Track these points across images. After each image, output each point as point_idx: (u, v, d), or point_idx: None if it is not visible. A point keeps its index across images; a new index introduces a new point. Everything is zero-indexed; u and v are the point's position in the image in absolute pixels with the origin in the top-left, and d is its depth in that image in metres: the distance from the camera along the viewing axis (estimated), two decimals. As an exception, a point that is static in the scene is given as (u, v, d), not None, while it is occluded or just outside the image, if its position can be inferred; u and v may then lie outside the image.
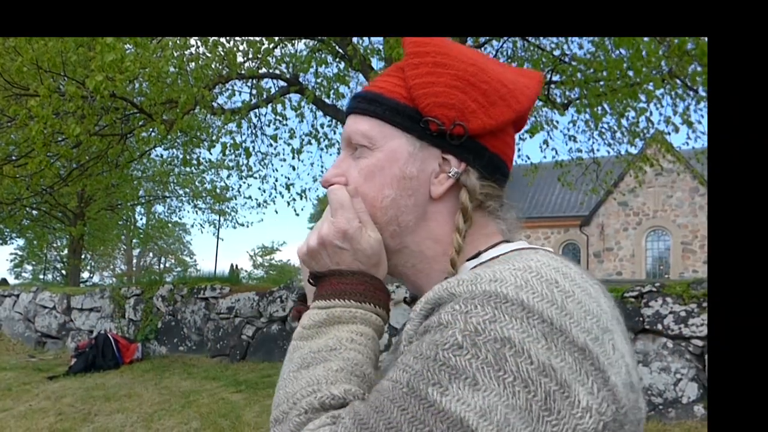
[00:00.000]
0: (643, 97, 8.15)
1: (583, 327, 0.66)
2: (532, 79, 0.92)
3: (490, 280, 0.69)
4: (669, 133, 9.49)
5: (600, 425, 0.64)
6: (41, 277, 33.39)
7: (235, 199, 17.47)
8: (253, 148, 11.35)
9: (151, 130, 8.95)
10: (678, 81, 8.24)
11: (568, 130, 10.51)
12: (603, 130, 10.16)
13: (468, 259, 0.86)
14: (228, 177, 15.06)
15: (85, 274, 34.47)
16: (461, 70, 0.85)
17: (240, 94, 10.77)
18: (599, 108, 8.60)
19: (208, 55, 8.15)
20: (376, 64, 9.19)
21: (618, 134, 10.10)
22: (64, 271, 29.52)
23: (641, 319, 6.26)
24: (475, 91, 0.85)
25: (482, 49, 9.62)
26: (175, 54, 7.46)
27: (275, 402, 0.77)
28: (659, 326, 6.13)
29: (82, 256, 23.28)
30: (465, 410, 0.62)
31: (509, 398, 0.62)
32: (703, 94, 8.50)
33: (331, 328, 0.81)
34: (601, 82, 7.78)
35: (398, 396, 0.66)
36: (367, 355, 0.80)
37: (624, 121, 9.64)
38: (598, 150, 10.71)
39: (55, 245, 28.67)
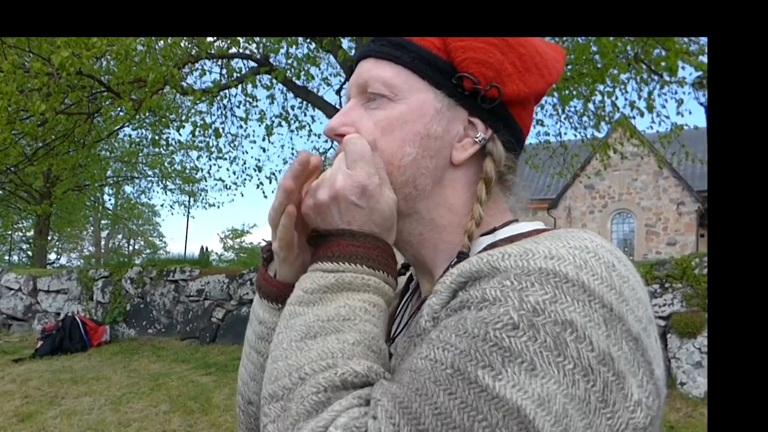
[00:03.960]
0: (609, 81, 8.25)
1: (636, 315, 0.62)
2: (558, 53, 0.86)
3: (546, 256, 0.63)
4: (634, 117, 9.63)
5: (648, 420, 0.60)
6: (6, 258, 32.76)
7: (205, 180, 17.34)
8: (223, 129, 11.26)
9: (118, 109, 8.82)
10: (643, 65, 8.35)
11: (536, 114, 10.58)
12: (570, 114, 10.27)
13: (482, 234, 0.80)
14: (198, 158, 14.90)
15: (52, 256, 33.86)
16: None
17: (210, 74, 10.64)
18: (566, 92, 8.69)
19: (177, 34, 8.03)
20: (346, 44, 9.16)
21: (584, 118, 10.23)
22: (30, 253, 28.98)
23: (605, 299, 6.41)
24: (513, 54, 0.78)
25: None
26: (143, 32, 7.34)
27: (271, 375, 0.67)
28: (622, 306, 6.29)
29: (49, 237, 22.89)
30: (522, 397, 0.55)
31: (568, 387, 0.56)
32: (668, 78, 8.64)
33: (340, 294, 0.71)
34: (568, 66, 7.86)
35: (442, 378, 0.58)
36: (381, 328, 0.72)
37: (590, 105, 9.76)
38: (565, 134, 10.87)
39: (20, 226, 28.11)
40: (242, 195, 31.62)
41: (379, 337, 0.70)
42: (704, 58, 7.87)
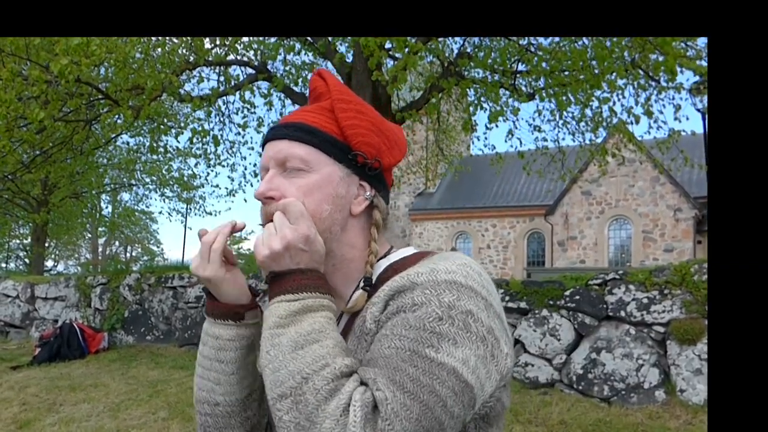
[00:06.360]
0: (606, 87, 8.26)
1: (497, 303, 0.99)
2: (401, 131, 1.20)
3: (446, 272, 0.95)
4: (631, 123, 9.64)
5: (512, 364, 0.97)
6: (3, 265, 32.66)
7: (203, 187, 17.33)
8: (222, 136, 11.25)
9: (117, 116, 8.81)
10: (640, 71, 8.37)
11: (533, 120, 10.63)
12: (567, 119, 10.29)
13: (378, 259, 1.10)
14: (196, 165, 14.90)
15: (50, 263, 33.79)
16: (373, 118, 1.11)
17: (208, 81, 10.64)
18: (564, 98, 8.70)
19: (175, 41, 8.03)
20: (343, 49, 9.18)
21: (582, 124, 10.25)
22: (27, 260, 28.91)
23: (605, 306, 6.40)
24: (383, 137, 1.11)
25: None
26: (142, 39, 7.35)
27: (275, 381, 0.90)
28: (622, 313, 6.27)
29: (46, 245, 22.85)
30: (453, 361, 0.87)
31: (476, 350, 0.90)
32: (665, 84, 8.67)
33: (306, 315, 0.95)
34: (566, 72, 7.87)
35: (406, 357, 0.87)
36: (339, 335, 0.97)
37: (588, 111, 9.78)
38: (563, 139, 10.85)
39: (17, 233, 28.05)
40: (245, 201, 31.78)
41: (342, 340, 0.96)
42: (702, 63, 7.89)
